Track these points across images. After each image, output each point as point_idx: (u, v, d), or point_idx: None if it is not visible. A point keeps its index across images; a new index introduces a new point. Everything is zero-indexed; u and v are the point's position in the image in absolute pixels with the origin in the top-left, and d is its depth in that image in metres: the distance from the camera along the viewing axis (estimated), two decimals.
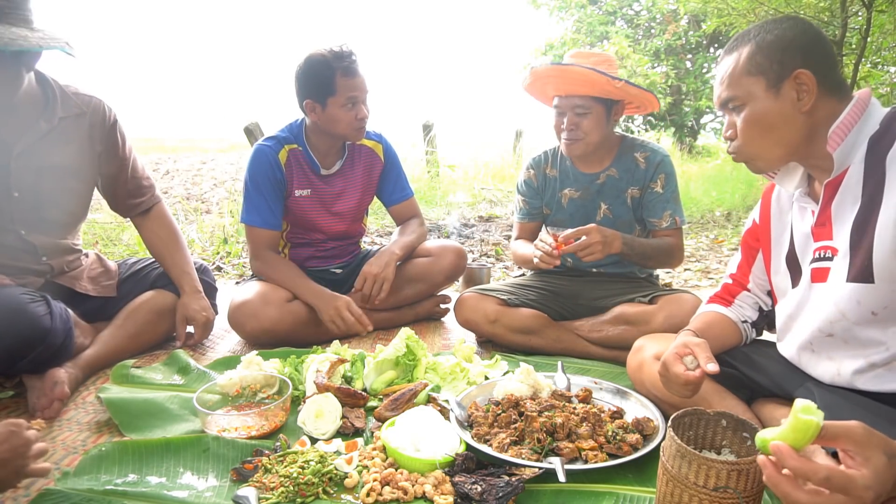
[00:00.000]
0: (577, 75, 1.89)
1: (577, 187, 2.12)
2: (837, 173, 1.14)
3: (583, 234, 1.80)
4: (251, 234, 2.22)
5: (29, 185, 1.74)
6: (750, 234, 1.44)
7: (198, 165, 10.39)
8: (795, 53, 1.13)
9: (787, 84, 1.13)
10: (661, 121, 11.17)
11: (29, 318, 1.55)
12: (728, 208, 5.46)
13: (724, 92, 1.21)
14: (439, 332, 2.35)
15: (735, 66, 1.18)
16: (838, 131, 1.12)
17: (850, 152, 1.13)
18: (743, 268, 1.47)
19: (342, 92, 2.05)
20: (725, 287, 1.50)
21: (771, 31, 1.16)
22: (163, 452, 1.35)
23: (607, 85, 1.89)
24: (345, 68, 2.04)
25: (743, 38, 1.20)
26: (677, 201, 2.06)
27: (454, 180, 6.92)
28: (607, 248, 1.81)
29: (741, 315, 1.45)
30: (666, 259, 2.04)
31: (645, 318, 1.91)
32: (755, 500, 1.00)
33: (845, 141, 1.12)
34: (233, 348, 2.15)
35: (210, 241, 4.27)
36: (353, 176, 2.32)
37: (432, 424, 1.38)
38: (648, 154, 2.05)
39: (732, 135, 1.22)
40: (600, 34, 11.53)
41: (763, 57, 1.15)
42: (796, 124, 1.15)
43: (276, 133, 2.24)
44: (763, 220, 1.39)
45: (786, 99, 1.14)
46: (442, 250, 2.41)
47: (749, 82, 1.16)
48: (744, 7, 5.88)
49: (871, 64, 6.90)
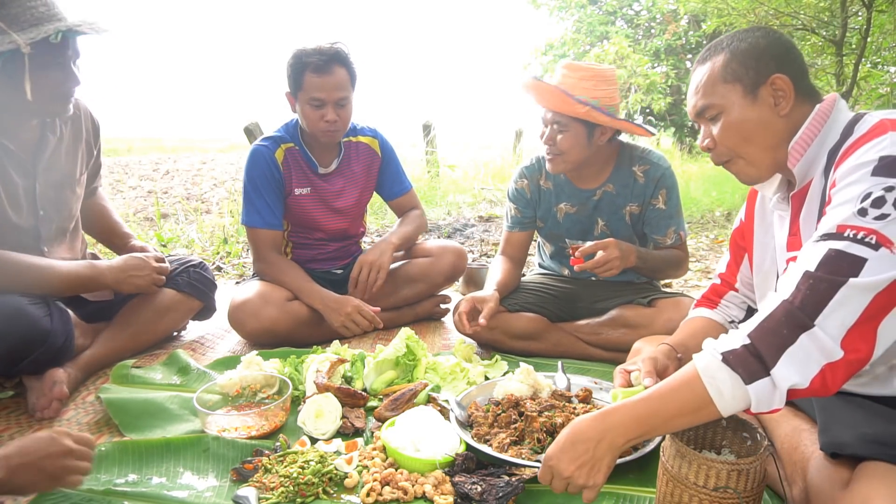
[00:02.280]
0: (545, 92, 1.84)
1: (574, 203, 2.05)
2: (801, 185, 1.14)
3: (600, 248, 1.76)
4: (253, 236, 2.21)
5: (51, 201, 1.76)
6: (737, 234, 1.44)
7: (198, 165, 10.40)
8: (770, 60, 1.12)
9: (763, 90, 1.12)
10: (661, 121, 11.18)
11: (29, 320, 1.55)
12: (728, 208, 5.46)
13: (699, 101, 1.19)
14: (439, 332, 2.35)
15: (710, 75, 1.17)
16: (798, 146, 1.11)
17: (812, 165, 1.12)
18: (731, 267, 1.46)
19: (308, 89, 2.02)
20: (713, 287, 1.50)
21: (744, 40, 1.15)
22: (163, 452, 1.35)
23: (571, 106, 1.80)
24: (315, 65, 1.99)
25: (715, 48, 1.19)
26: (680, 214, 2.01)
27: (454, 180, 6.91)
28: (624, 262, 1.78)
29: (727, 316, 1.45)
30: (675, 271, 2.03)
31: (644, 321, 1.91)
32: (755, 500, 1.00)
33: (805, 155, 1.11)
34: (233, 348, 2.15)
35: (210, 241, 4.27)
36: (351, 173, 2.32)
37: (432, 424, 1.38)
38: (648, 168, 1.96)
39: (710, 144, 1.20)
40: (600, 34, 11.55)
41: (738, 64, 1.14)
42: (776, 129, 1.14)
43: (272, 133, 2.23)
44: (748, 220, 1.39)
45: (763, 104, 1.13)
46: (442, 250, 2.40)
47: (725, 90, 1.15)
48: (744, 7, 5.88)
49: (871, 64, 6.90)
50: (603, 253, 1.76)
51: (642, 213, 2.00)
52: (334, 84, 2.02)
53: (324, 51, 2.01)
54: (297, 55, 2.03)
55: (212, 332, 2.31)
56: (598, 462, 0.99)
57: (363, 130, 2.35)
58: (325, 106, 2.04)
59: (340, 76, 2.03)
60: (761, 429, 1.09)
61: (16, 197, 1.67)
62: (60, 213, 1.80)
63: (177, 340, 2.21)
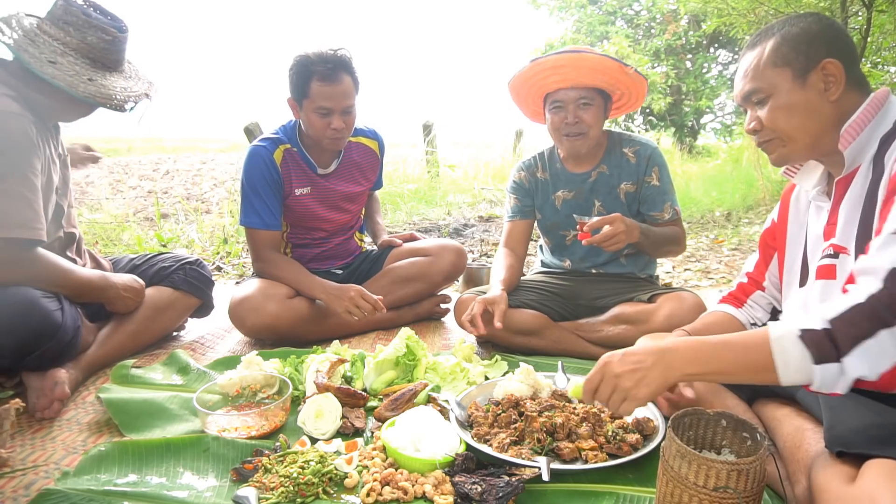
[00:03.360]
0: (591, 62, 1.87)
1: (570, 188, 2.11)
2: (849, 171, 1.14)
3: (606, 223, 1.79)
4: (251, 236, 2.22)
5: (62, 179, 1.83)
6: (768, 234, 1.44)
7: (198, 165, 10.40)
8: (821, 45, 1.12)
9: (813, 74, 1.12)
10: (662, 121, 11.18)
11: (42, 313, 1.59)
12: (728, 208, 5.46)
13: (747, 85, 1.19)
14: (439, 332, 2.35)
15: (759, 59, 1.17)
16: (851, 129, 1.11)
17: (862, 151, 1.12)
18: (760, 267, 1.47)
19: (315, 98, 2.02)
20: (740, 286, 1.51)
21: (796, 25, 1.15)
22: (163, 452, 1.35)
23: (619, 72, 1.89)
24: (322, 73, 1.99)
25: (766, 32, 1.19)
26: (673, 191, 2.07)
27: (454, 180, 6.91)
28: (629, 236, 1.82)
29: (751, 317, 1.46)
30: (675, 247, 2.05)
31: (645, 317, 1.91)
32: (755, 500, 1.00)
33: (857, 140, 1.11)
34: (233, 348, 2.15)
35: (210, 241, 4.27)
36: (351, 175, 2.32)
37: (432, 424, 1.38)
38: (637, 148, 2.05)
39: (757, 126, 1.20)
40: (600, 34, 11.53)
41: (789, 48, 1.14)
42: (823, 114, 1.14)
43: (270, 134, 2.23)
44: (781, 220, 1.39)
45: (812, 89, 1.13)
46: (441, 250, 2.41)
47: (774, 73, 1.15)
48: (744, 7, 5.87)
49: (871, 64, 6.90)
50: (609, 227, 1.79)
51: (638, 192, 2.06)
52: (341, 93, 2.02)
53: (329, 58, 2.00)
54: (302, 62, 2.01)
55: (212, 332, 2.31)
56: (648, 376, 1.01)
57: (363, 131, 2.36)
58: (331, 114, 2.04)
59: (346, 84, 2.03)
60: (761, 428, 1.09)
61: (56, 177, 1.77)
62: (66, 188, 1.86)
63: (176, 340, 2.22)
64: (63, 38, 1.64)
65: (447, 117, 16.12)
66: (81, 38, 1.66)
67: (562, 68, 1.90)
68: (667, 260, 3.74)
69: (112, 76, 1.72)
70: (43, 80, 1.59)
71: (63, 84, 1.59)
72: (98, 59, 1.69)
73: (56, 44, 1.63)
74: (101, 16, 1.72)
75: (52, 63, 1.60)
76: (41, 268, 1.65)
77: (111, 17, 1.74)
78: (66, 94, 1.63)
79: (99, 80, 1.67)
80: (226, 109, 26.58)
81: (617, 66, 1.88)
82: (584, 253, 2.15)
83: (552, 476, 1.21)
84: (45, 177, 1.67)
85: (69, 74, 1.61)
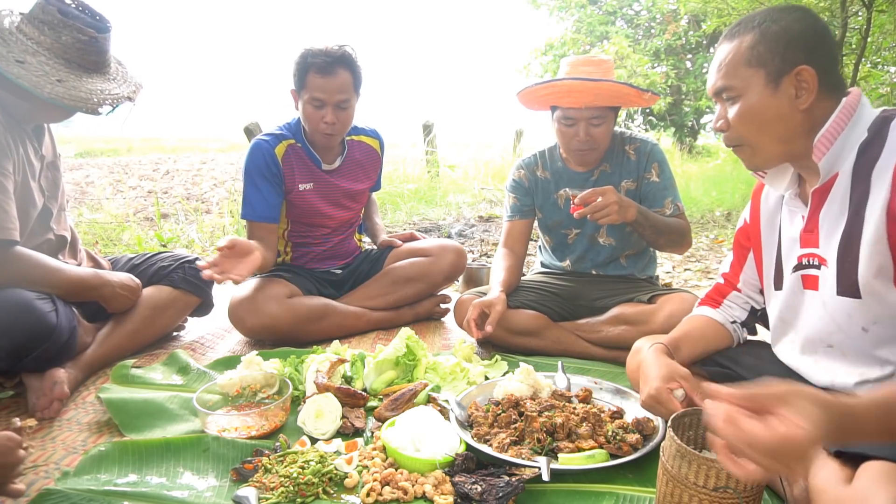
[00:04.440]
0: (610, 90, 1.87)
1: (573, 186, 2.10)
2: (825, 181, 1.12)
3: (598, 195, 1.77)
4: (247, 229, 2.20)
5: (49, 181, 1.82)
6: (741, 234, 1.43)
7: (198, 165, 10.41)
8: (799, 49, 1.09)
9: (786, 80, 1.09)
10: (662, 121, 11.18)
11: (36, 315, 1.57)
12: (728, 208, 5.46)
13: (719, 80, 1.16)
14: (439, 332, 2.35)
15: (735, 55, 1.13)
16: (824, 140, 1.09)
17: (838, 160, 1.10)
18: (734, 267, 1.46)
19: (310, 89, 2.04)
20: (717, 287, 1.50)
21: (777, 21, 1.11)
22: (163, 452, 1.35)
23: (635, 96, 1.91)
24: (319, 66, 2.01)
25: (746, 24, 1.14)
26: (674, 187, 2.06)
27: (454, 180, 6.91)
28: (623, 212, 1.77)
29: (729, 316, 1.45)
30: (679, 238, 1.99)
31: (644, 318, 1.91)
32: (755, 500, 1.00)
33: (831, 150, 1.09)
34: (233, 348, 2.15)
35: (210, 240, 4.27)
36: (354, 172, 2.33)
37: (432, 424, 1.38)
38: (638, 145, 2.05)
39: (723, 125, 1.18)
40: (600, 34, 11.54)
41: (765, 48, 1.10)
42: (792, 122, 1.11)
43: (275, 130, 2.24)
44: (753, 220, 1.37)
45: (783, 95, 1.10)
46: (441, 250, 2.41)
47: (747, 74, 1.12)
48: (744, 7, 5.88)
49: (871, 64, 6.91)
50: (601, 198, 1.76)
51: (638, 189, 2.06)
52: (336, 86, 2.03)
53: (330, 52, 2.02)
54: (304, 54, 2.05)
55: (212, 332, 2.31)
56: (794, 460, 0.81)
57: (365, 131, 2.38)
58: (324, 107, 2.05)
59: (343, 79, 2.04)
60: None
61: (34, 180, 1.74)
62: (56, 191, 1.85)
63: (176, 340, 2.21)
64: (37, 37, 1.58)
65: (447, 117, 16.13)
66: (56, 38, 1.59)
67: (578, 93, 1.89)
68: (667, 260, 3.75)
69: (91, 78, 1.65)
70: (8, 79, 1.53)
71: (27, 84, 1.53)
72: (73, 60, 1.62)
73: (30, 43, 1.57)
74: (86, 15, 1.66)
75: (20, 63, 1.54)
76: (21, 267, 1.62)
77: (97, 18, 1.68)
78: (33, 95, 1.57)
79: (71, 82, 1.59)
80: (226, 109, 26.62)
81: (634, 93, 1.89)
82: (584, 251, 2.15)
83: (552, 476, 1.21)
84: (20, 177, 1.63)
85: (36, 75, 1.55)
